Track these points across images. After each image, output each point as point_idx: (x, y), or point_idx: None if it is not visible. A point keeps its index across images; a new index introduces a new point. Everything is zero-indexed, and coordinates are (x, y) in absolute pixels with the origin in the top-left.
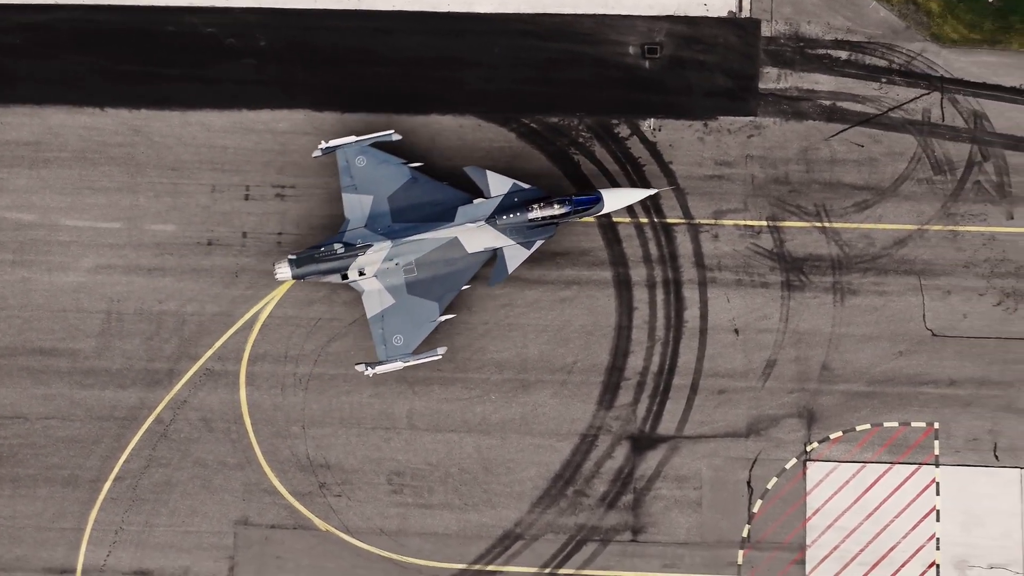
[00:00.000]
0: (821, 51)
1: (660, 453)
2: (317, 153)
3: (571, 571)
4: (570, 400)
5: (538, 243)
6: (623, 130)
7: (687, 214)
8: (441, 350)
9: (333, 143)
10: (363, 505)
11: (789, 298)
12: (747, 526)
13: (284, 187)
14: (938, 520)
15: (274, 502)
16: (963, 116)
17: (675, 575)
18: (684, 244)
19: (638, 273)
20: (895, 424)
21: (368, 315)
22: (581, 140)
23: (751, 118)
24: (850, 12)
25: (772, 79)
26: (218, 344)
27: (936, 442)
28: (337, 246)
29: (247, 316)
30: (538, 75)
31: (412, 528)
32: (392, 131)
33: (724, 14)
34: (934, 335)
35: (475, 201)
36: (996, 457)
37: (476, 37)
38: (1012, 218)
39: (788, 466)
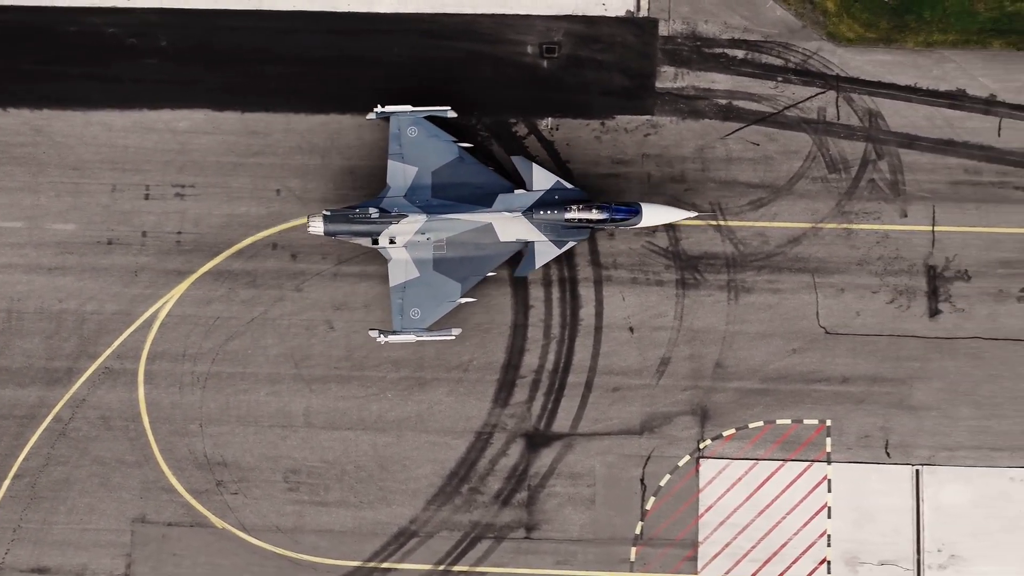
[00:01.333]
0: (718, 50)
1: (554, 450)
2: (371, 116)
3: (465, 568)
4: (466, 398)
5: (570, 244)
6: (521, 129)
7: None
8: (456, 331)
9: (389, 109)
10: (259, 503)
11: (684, 296)
12: (640, 523)
13: (184, 186)
14: (829, 517)
15: (171, 500)
16: (858, 114)
17: (568, 572)
18: (581, 243)
19: (534, 272)
20: (788, 421)
21: (391, 283)
22: (479, 139)
23: (648, 117)
24: (747, 11)
25: (669, 78)
26: (117, 343)
27: (828, 439)
28: (372, 210)
29: (146, 315)
30: (438, 74)
31: (308, 525)
32: (449, 107)
33: (622, 13)
34: (827, 333)
35: (516, 191)
36: (887, 454)
37: (376, 37)
38: (905, 216)
39: (681, 463)
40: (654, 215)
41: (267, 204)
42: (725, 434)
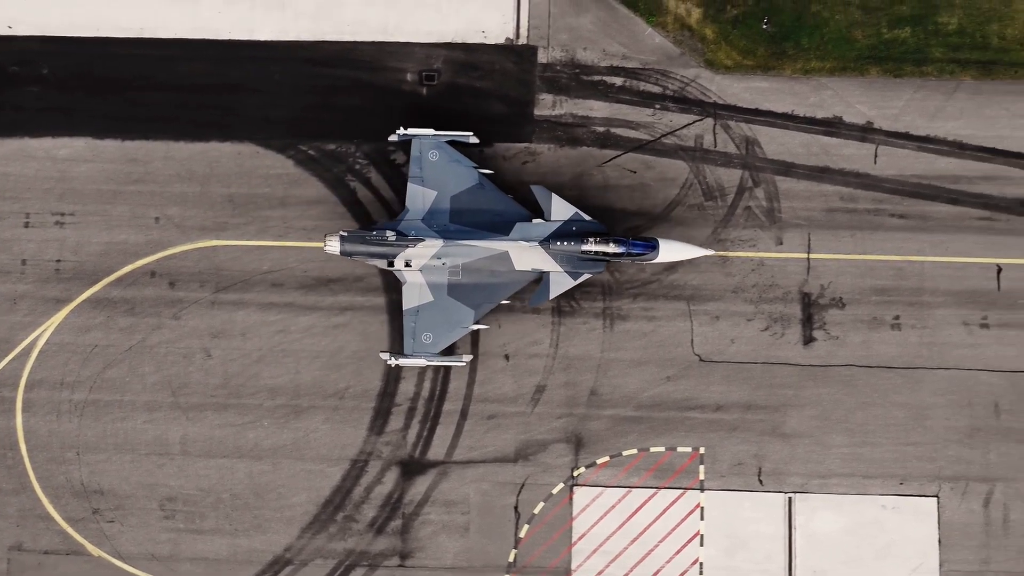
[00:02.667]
0: (596, 77)
1: (429, 478)
2: (393, 138)
3: None
4: (342, 426)
5: (585, 276)
6: (399, 157)
7: None
8: (467, 358)
9: (412, 131)
10: (136, 531)
11: (560, 324)
12: (513, 551)
13: (63, 214)
14: (702, 544)
15: (48, 528)
16: (735, 142)
17: None
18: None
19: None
20: (661, 449)
21: (404, 307)
22: (358, 167)
23: (526, 144)
24: (626, 38)
25: (548, 105)
26: None
27: (702, 467)
28: (389, 233)
29: (25, 343)
30: (318, 102)
31: (183, 553)
32: (471, 133)
33: (502, 41)
34: (702, 360)
35: (534, 220)
36: (760, 481)
37: (257, 64)
38: (781, 243)
39: (555, 491)
40: (671, 251)
41: (146, 232)
42: (599, 462)
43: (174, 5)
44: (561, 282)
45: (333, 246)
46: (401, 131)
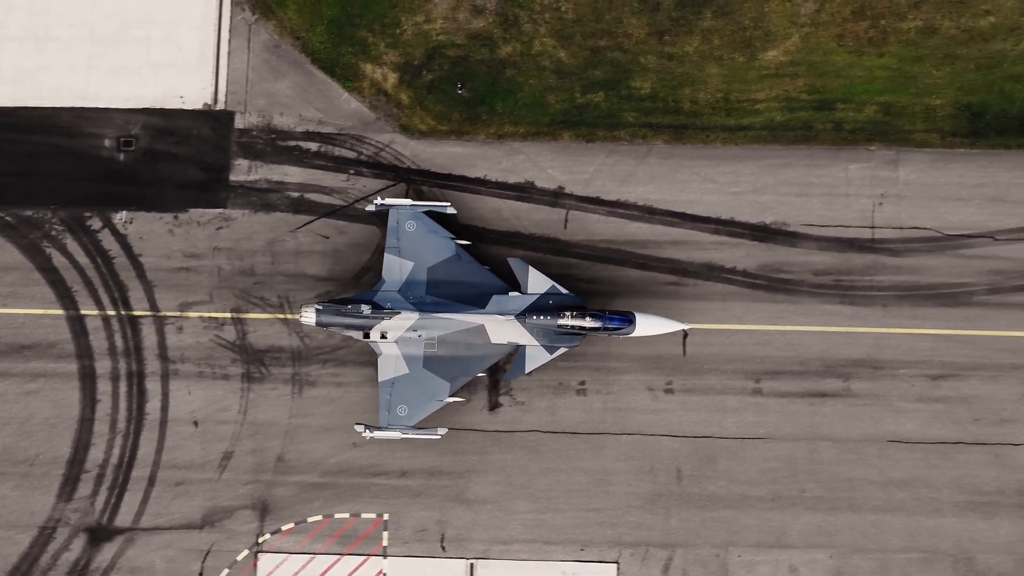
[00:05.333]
0: (292, 143)
1: (116, 545)
2: (371, 208)
3: None
4: (31, 492)
5: (561, 350)
6: (95, 223)
7: (154, 306)
8: (441, 431)
9: (389, 201)
10: None
11: (249, 390)
12: None
13: None
14: None
15: None
16: None
17: None
18: (150, 336)
19: (103, 366)
20: (346, 515)
21: (379, 379)
22: (54, 233)
23: (221, 210)
24: (322, 104)
25: (243, 171)
26: None
27: (385, 533)
28: (364, 307)
29: None
30: (16, 168)
31: None
32: (449, 204)
33: (199, 106)
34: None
35: (510, 293)
36: (443, 547)
37: None
38: None
39: (240, 557)
40: (647, 325)
41: None
42: (284, 528)
43: None
44: (538, 356)
45: (309, 318)
46: (379, 201)
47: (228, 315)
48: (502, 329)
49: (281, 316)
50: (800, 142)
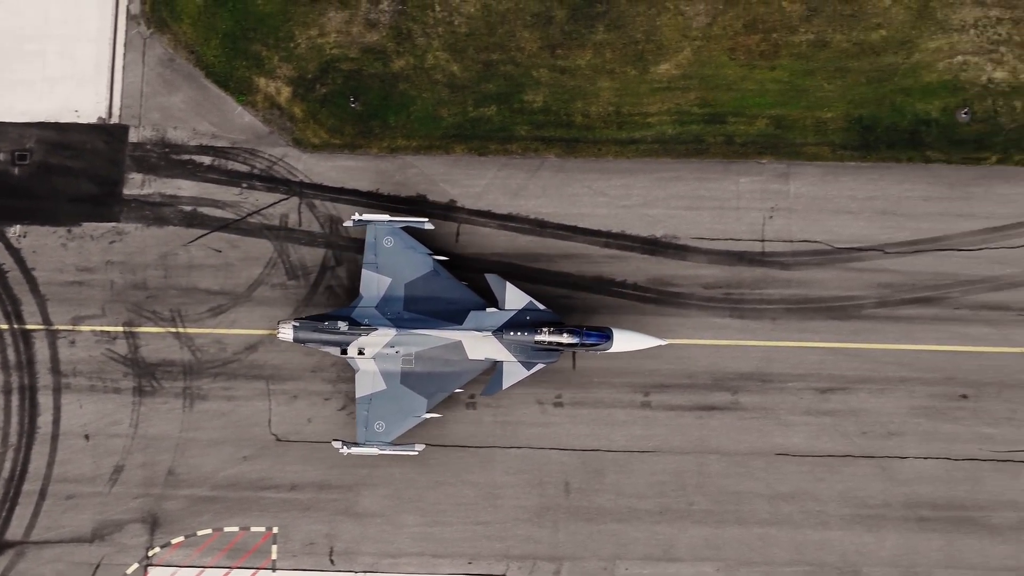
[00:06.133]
0: (186, 156)
1: (7, 559)
2: (349, 224)
3: None
4: None
5: (539, 366)
6: None
7: (47, 320)
8: (419, 447)
9: (367, 217)
10: None
11: (140, 404)
12: None
13: None
14: None
15: None
16: (320, 221)
17: None
18: (42, 350)
19: None
20: (236, 529)
21: (357, 395)
22: None
23: (114, 224)
24: (216, 117)
25: (137, 185)
26: None
27: (274, 546)
28: (341, 323)
29: None
30: None
31: None
32: (427, 219)
33: (94, 120)
34: (279, 440)
35: (488, 309)
36: (332, 561)
37: None
38: None
39: (130, 571)
40: (624, 341)
41: None
42: (174, 541)
43: None
44: (515, 372)
45: (286, 334)
46: (356, 216)
47: (120, 329)
48: (479, 345)
49: (173, 330)
50: (691, 155)
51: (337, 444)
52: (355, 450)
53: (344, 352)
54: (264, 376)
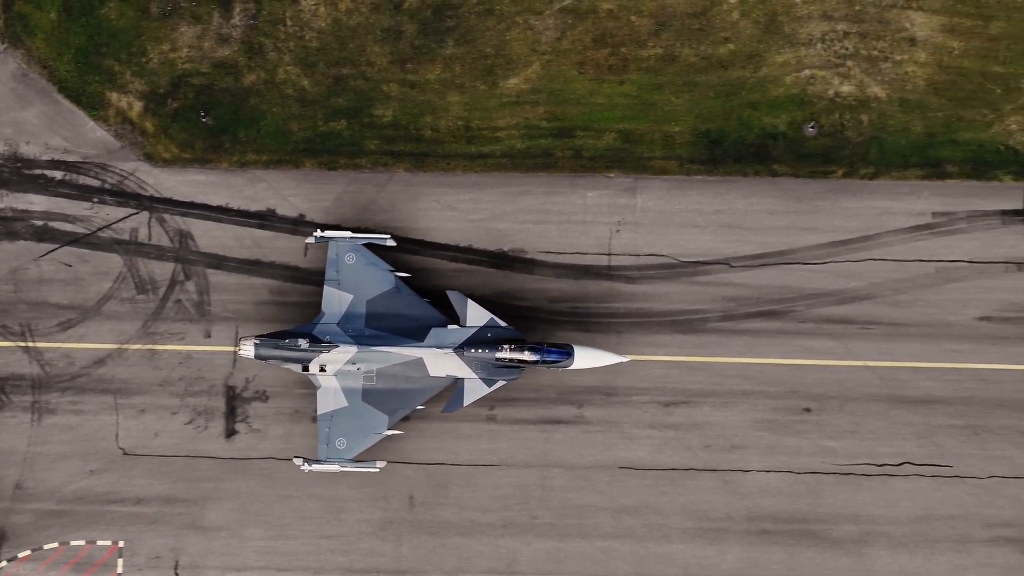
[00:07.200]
0: (37, 171)
1: None
2: (310, 240)
3: None
4: None
5: (500, 383)
6: None
7: None
8: (380, 464)
9: (329, 234)
10: None
11: None
12: None
13: None
14: None
15: None
16: (169, 235)
17: None
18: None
19: None
20: (82, 542)
21: (318, 411)
22: None
23: None
24: (68, 132)
25: None
26: None
27: (120, 560)
28: (302, 341)
29: None
30: None
31: None
32: (389, 236)
33: None
34: (125, 453)
35: (449, 326)
36: (177, 574)
37: None
38: (209, 336)
39: None
40: (585, 358)
41: None
42: (21, 555)
43: None
44: (476, 389)
45: (247, 351)
46: (318, 233)
47: None
48: (440, 362)
49: (22, 344)
50: (540, 169)
51: (299, 462)
52: (316, 467)
53: (306, 369)
54: (112, 390)
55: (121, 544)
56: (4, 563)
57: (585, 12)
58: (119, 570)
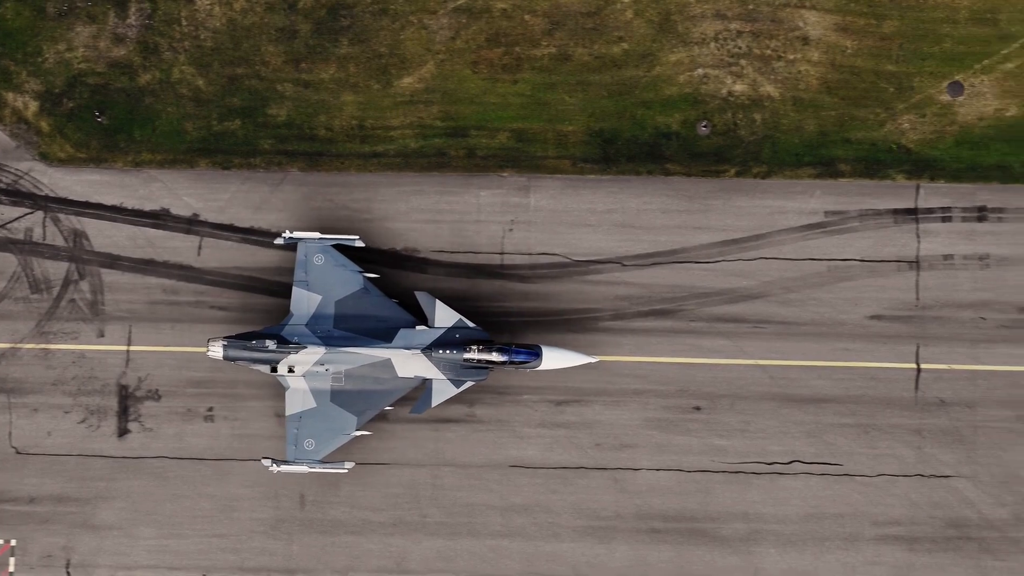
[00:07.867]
0: None
1: None
2: (279, 241)
3: None
4: None
5: (468, 384)
6: None
7: None
8: (349, 464)
9: (297, 235)
10: None
11: None
12: None
13: None
14: None
15: None
16: (64, 235)
17: None
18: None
19: None
20: None
21: (287, 412)
22: None
23: None
24: None
25: None
26: None
27: (12, 559)
28: (270, 342)
29: None
30: None
31: None
32: (357, 237)
33: None
34: (18, 453)
35: (417, 328)
36: (68, 574)
37: None
38: (103, 335)
39: None
40: (553, 358)
41: None
42: None
43: None
44: (444, 390)
45: (216, 352)
46: (287, 234)
47: None
48: (408, 363)
49: None
50: (433, 169)
51: (267, 462)
52: (284, 468)
53: (274, 370)
54: (5, 389)
55: (13, 543)
56: None
57: (479, 11)
58: (11, 569)
